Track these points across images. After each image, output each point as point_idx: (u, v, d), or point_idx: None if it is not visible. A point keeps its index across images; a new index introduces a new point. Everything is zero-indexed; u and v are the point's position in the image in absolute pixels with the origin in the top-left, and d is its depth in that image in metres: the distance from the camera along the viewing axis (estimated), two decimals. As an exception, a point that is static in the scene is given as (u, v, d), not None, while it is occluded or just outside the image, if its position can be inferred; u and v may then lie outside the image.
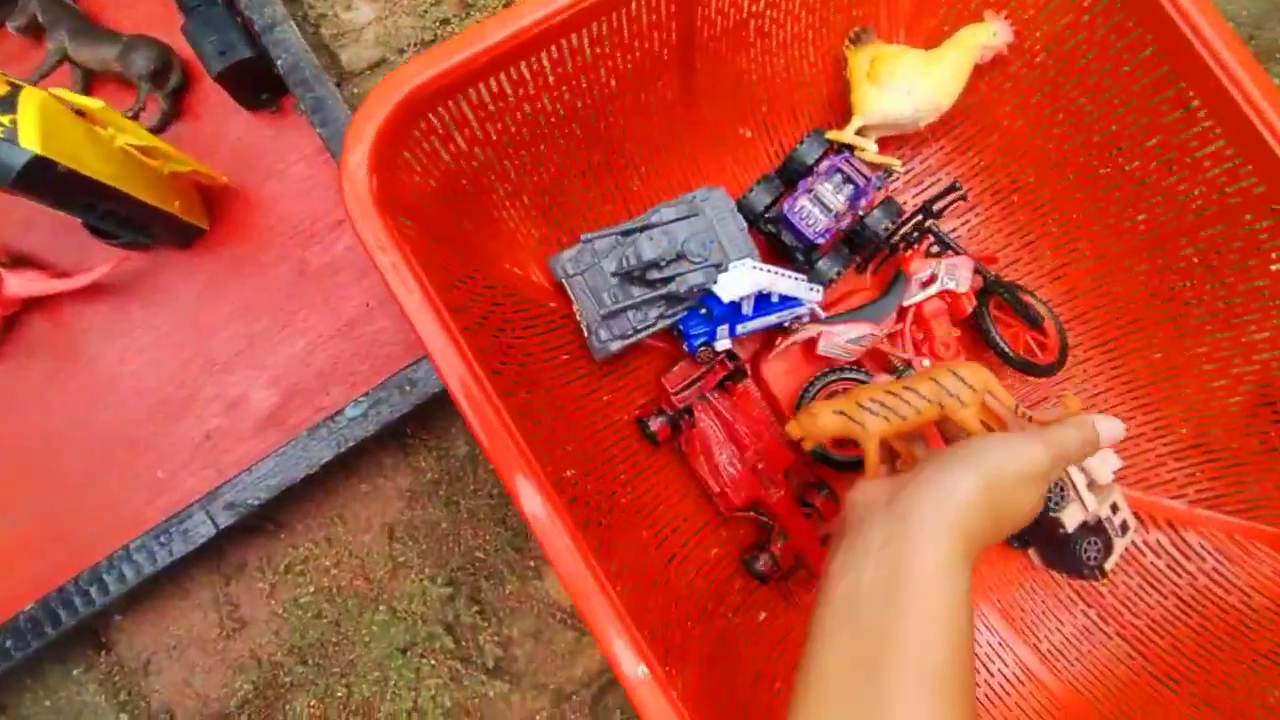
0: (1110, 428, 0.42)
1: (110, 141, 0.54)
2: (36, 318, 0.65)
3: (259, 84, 0.66)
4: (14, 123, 0.47)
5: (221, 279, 0.66)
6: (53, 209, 0.53)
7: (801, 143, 0.59)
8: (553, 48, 0.44)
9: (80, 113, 0.53)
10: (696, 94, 0.57)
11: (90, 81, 0.68)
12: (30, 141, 0.47)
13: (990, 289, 0.61)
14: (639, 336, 0.54)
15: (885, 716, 0.32)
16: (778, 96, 0.63)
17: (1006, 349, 0.59)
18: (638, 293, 0.53)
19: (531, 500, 0.38)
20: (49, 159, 0.48)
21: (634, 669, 0.36)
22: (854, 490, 0.41)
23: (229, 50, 0.61)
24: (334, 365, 0.65)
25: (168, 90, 0.66)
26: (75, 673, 0.65)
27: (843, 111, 0.64)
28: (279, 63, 0.63)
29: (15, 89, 0.49)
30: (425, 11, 0.74)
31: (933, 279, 0.60)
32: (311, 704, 0.64)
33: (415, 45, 0.73)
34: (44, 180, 0.49)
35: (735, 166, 0.64)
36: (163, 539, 0.59)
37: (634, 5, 0.46)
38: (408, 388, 0.60)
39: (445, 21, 0.74)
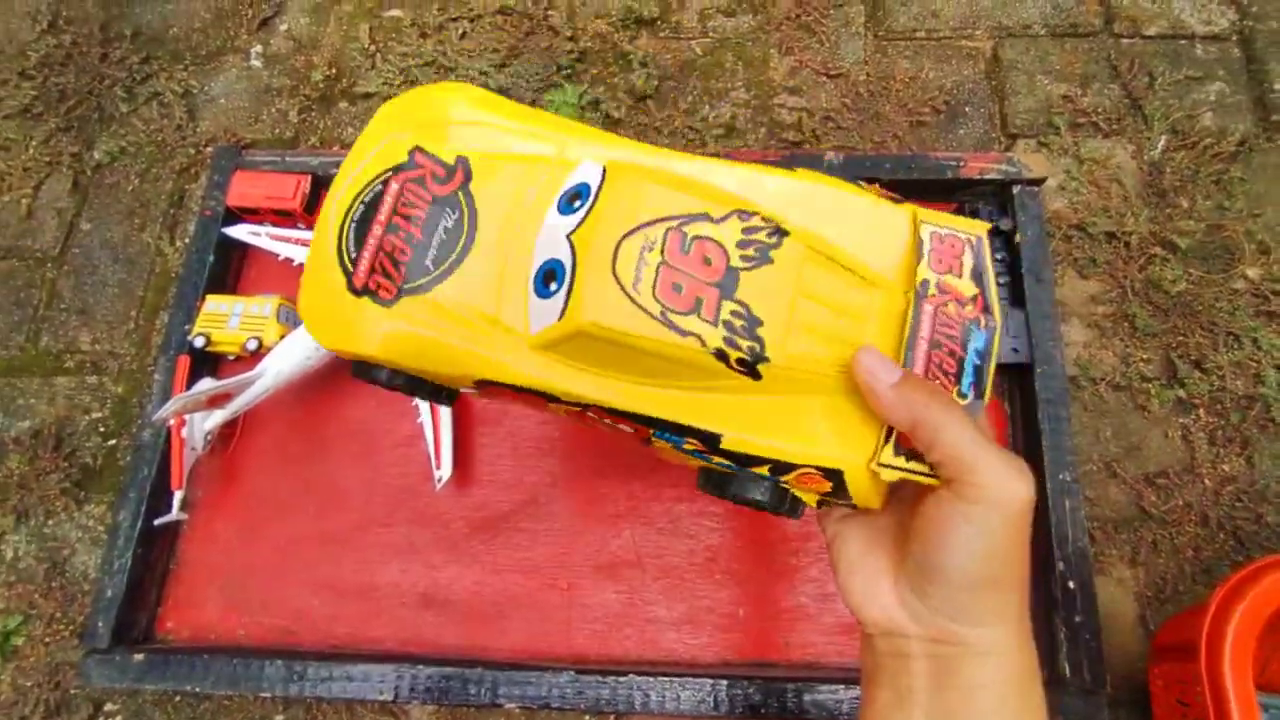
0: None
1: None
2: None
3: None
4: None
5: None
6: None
7: None
8: None
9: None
10: None
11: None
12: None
13: None
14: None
15: None
16: None
17: None
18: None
19: None
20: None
21: None
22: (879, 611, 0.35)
23: (1019, 350, 0.73)
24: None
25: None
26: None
27: None
28: (1039, 370, 0.73)
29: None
30: (1128, 361, 0.83)
31: None
32: None
33: (1104, 382, 0.82)
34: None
35: None
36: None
37: None
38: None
39: (1145, 397, 0.82)
